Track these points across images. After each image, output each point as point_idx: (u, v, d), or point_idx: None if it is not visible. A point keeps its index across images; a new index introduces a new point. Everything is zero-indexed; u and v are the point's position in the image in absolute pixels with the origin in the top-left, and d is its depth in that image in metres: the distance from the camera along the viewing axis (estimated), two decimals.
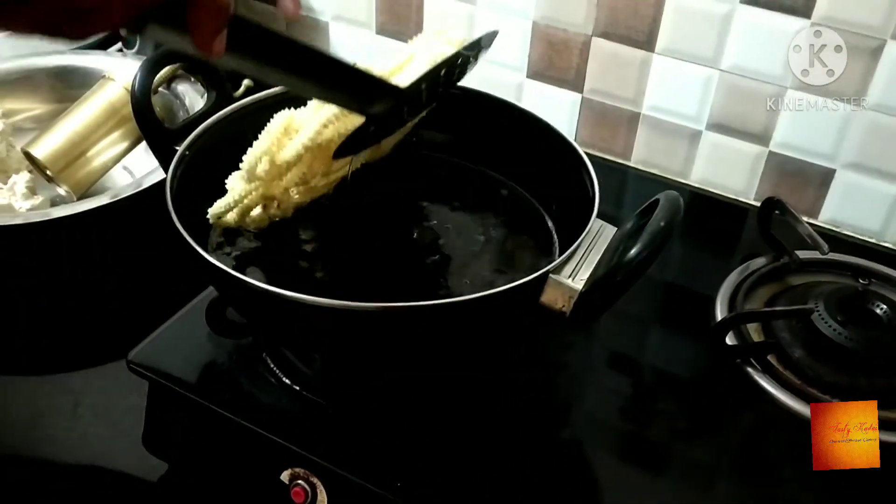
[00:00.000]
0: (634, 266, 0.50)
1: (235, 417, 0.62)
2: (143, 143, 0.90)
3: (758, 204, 0.94)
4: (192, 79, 0.91)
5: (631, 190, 0.99)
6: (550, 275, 0.55)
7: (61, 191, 0.89)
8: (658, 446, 0.65)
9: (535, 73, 1.01)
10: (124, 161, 0.91)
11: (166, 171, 0.63)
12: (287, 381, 0.64)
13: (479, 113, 0.76)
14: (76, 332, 0.80)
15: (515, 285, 0.53)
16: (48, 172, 0.87)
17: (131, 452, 0.68)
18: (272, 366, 0.65)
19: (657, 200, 0.55)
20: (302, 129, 0.61)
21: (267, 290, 0.52)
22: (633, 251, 0.50)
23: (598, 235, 0.59)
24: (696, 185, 0.98)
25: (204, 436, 0.65)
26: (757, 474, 0.63)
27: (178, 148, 0.64)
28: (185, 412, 0.65)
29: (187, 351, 0.67)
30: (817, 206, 0.92)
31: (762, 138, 0.91)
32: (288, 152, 0.61)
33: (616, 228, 0.60)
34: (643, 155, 1.00)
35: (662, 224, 0.51)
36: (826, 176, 0.89)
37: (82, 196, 0.88)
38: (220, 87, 0.68)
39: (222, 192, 0.65)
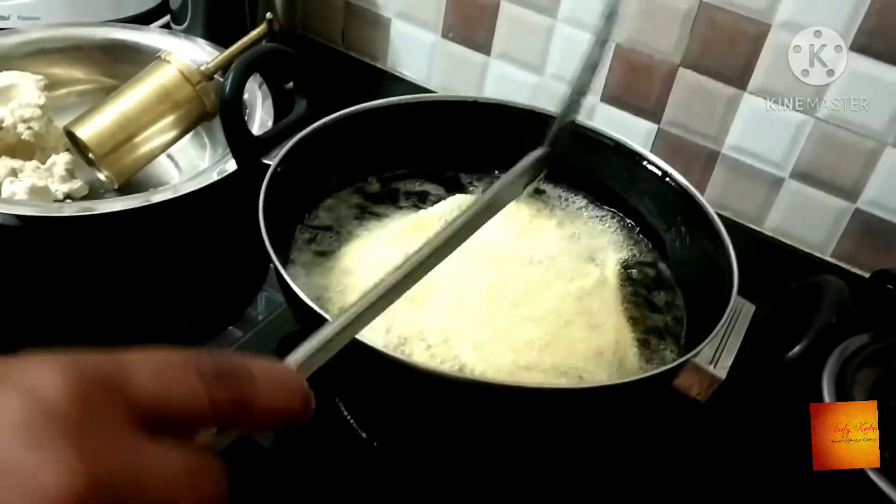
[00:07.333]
0: (794, 367, 0.45)
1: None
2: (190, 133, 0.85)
3: (834, 261, 0.90)
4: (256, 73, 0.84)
5: None
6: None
7: (101, 176, 0.82)
8: None
9: (611, 98, 0.95)
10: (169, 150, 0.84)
11: (246, 177, 0.58)
12: (363, 434, 0.58)
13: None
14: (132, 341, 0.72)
15: (656, 373, 0.47)
16: (91, 155, 0.79)
17: None
18: (346, 413, 0.59)
19: (816, 286, 0.49)
20: None
21: (384, 355, 0.45)
22: (797, 349, 0.45)
23: (737, 313, 0.53)
24: (770, 234, 0.92)
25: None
26: None
27: (267, 161, 0.58)
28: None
29: None
30: None
31: (850, 194, 0.86)
32: None
33: (754, 306, 0.54)
34: (716, 195, 0.94)
35: (834, 321, 0.45)
36: None
37: (123, 185, 0.81)
38: (311, 95, 0.62)
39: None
